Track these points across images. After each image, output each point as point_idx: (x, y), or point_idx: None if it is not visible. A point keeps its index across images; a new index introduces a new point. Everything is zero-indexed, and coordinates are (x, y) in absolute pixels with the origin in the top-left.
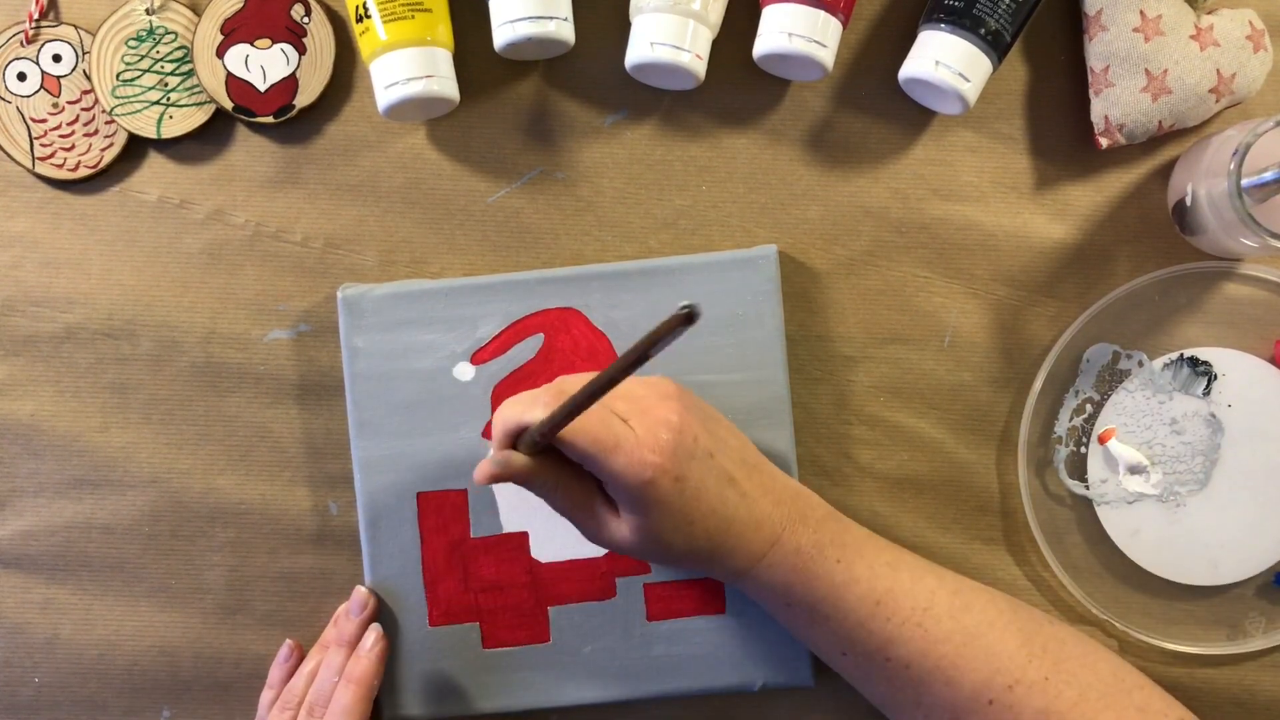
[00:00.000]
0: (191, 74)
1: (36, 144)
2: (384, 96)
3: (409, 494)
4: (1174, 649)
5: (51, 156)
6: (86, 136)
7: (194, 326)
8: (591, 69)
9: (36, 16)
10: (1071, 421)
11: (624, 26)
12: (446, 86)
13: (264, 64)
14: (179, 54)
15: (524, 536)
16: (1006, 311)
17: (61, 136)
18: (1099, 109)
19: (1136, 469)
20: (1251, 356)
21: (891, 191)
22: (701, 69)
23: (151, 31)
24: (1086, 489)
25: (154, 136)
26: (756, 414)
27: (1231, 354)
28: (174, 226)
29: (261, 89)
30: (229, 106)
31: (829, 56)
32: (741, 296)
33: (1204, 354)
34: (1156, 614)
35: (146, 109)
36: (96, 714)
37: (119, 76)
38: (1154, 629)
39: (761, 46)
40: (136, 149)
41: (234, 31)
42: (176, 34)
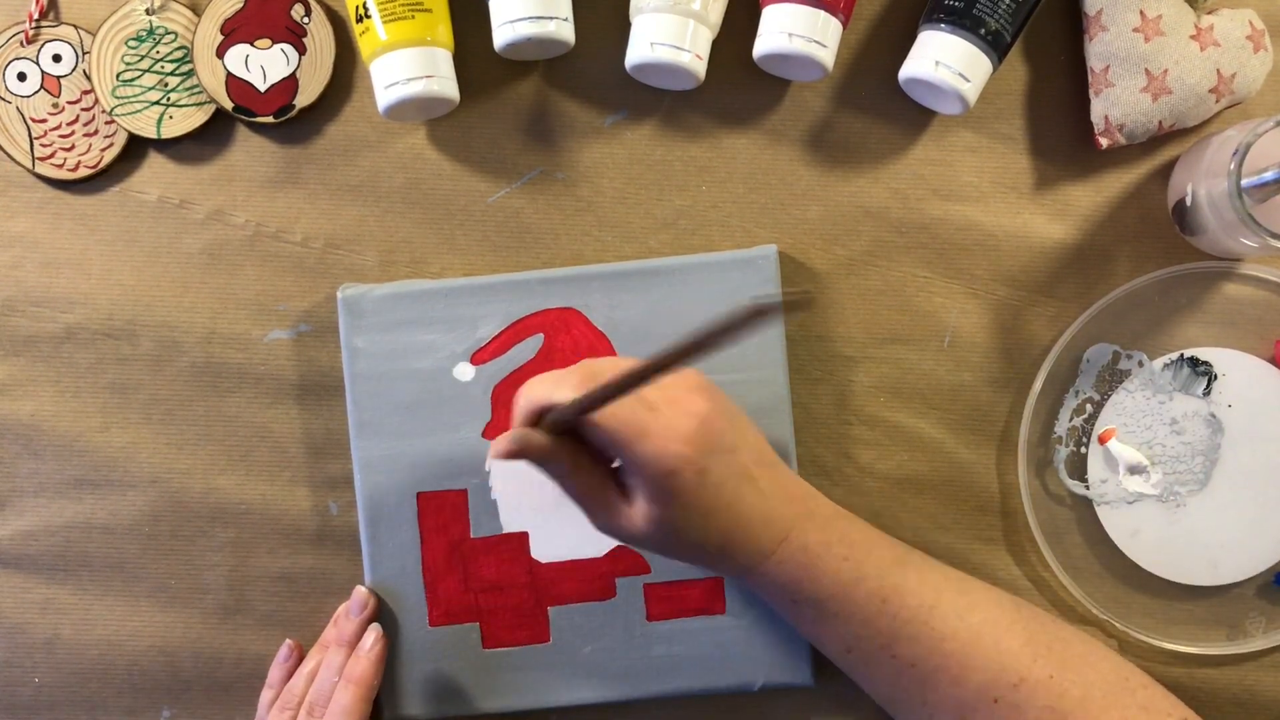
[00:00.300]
0: (191, 74)
1: (36, 144)
2: (384, 96)
3: (409, 494)
4: (1174, 649)
5: (51, 156)
6: (86, 136)
7: (194, 326)
8: (591, 69)
9: (36, 16)
10: (1071, 421)
11: (624, 26)
12: (446, 86)
13: (264, 64)
14: (179, 54)
15: (524, 536)
16: (1006, 311)
17: (61, 136)
18: (1099, 109)
19: (1136, 469)
20: (1251, 356)
21: (891, 191)
22: (701, 69)
23: (151, 32)
24: (1086, 489)
25: (154, 136)
26: (756, 414)
27: (1231, 354)
28: (174, 226)
29: (261, 89)
30: (229, 107)
31: (829, 56)
32: (741, 296)
33: (1204, 354)
34: (1156, 614)
35: (146, 109)
36: (96, 714)
37: (119, 76)
38: (1154, 629)
39: (761, 46)
40: (136, 149)
41: (234, 32)
42: (176, 34)
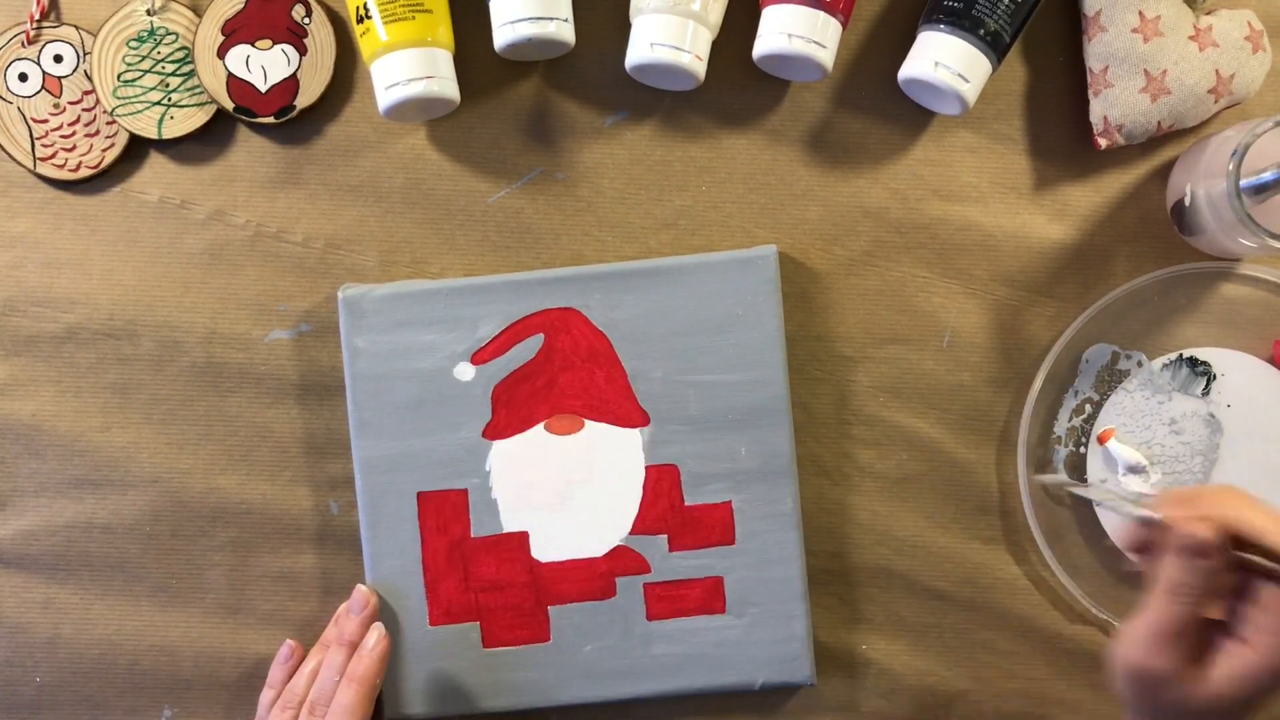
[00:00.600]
0: (192, 75)
1: (38, 144)
2: (384, 97)
3: (409, 494)
4: None
5: (53, 157)
6: (88, 137)
7: (195, 327)
8: (591, 70)
9: (38, 17)
10: (1071, 422)
11: (624, 27)
12: (447, 87)
13: (265, 65)
14: (180, 55)
15: (524, 536)
16: (1006, 312)
17: (63, 137)
18: (1098, 109)
19: (1136, 469)
20: (1250, 357)
21: (891, 192)
22: (701, 70)
23: (152, 32)
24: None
25: (155, 137)
26: (756, 414)
27: (1230, 354)
28: (175, 227)
29: (262, 89)
30: (230, 107)
31: (829, 57)
32: (741, 296)
33: (1203, 354)
34: None
35: (148, 109)
36: (97, 713)
37: (120, 77)
38: None
39: (761, 47)
40: (138, 149)
41: (235, 32)
42: (177, 35)
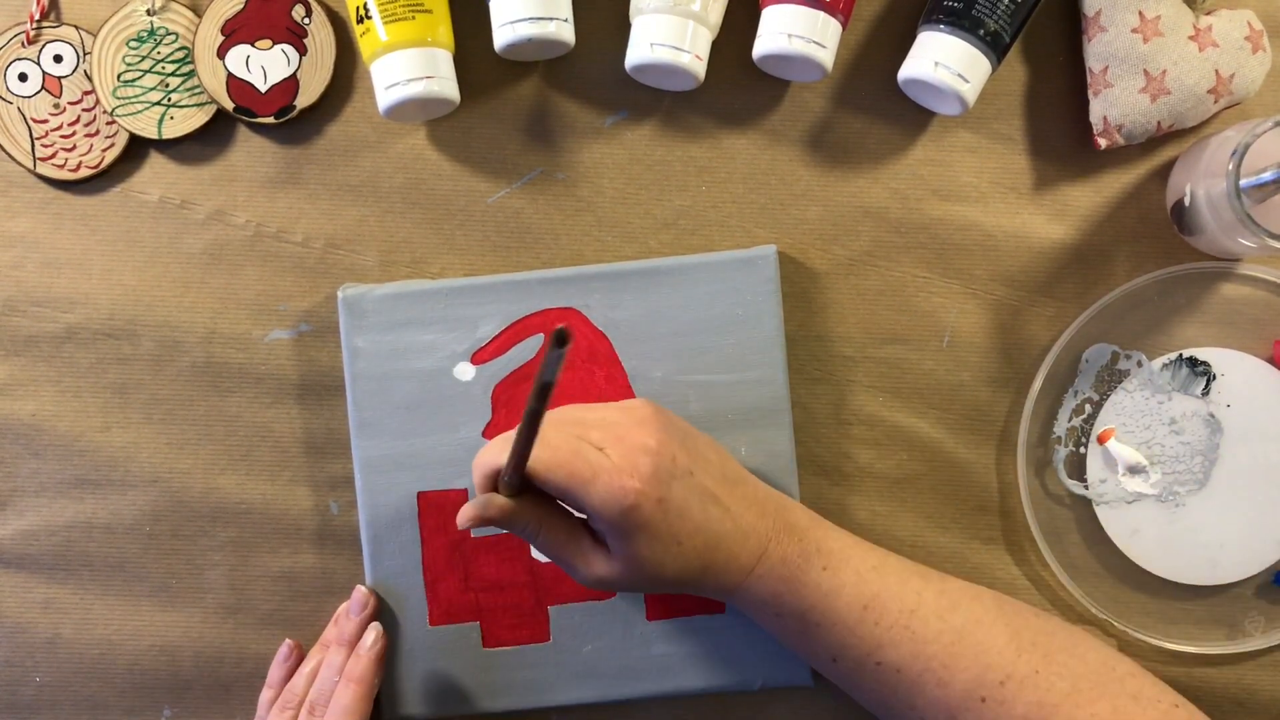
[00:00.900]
0: (192, 75)
1: (38, 144)
2: (384, 97)
3: (409, 493)
4: (1173, 648)
5: (53, 157)
6: (88, 137)
7: (195, 326)
8: (591, 70)
9: (37, 17)
10: (1071, 421)
11: (624, 27)
12: (447, 87)
13: (265, 65)
14: (180, 55)
15: None
16: (1006, 312)
17: (63, 137)
18: (1098, 109)
19: (1135, 469)
20: (1250, 356)
21: (891, 192)
22: (701, 70)
23: (152, 32)
24: (1085, 489)
25: (155, 137)
26: (756, 414)
27: (1230, 354)
28: (175, 227)
29: (262, 90)
30: (230, 107)
31: (828, 57)
32: (741, 296)
33: (1203, 354)
34: (1155, 613)
35: (147, 109)
36: (97, 713)
37: (120, 77)
38: (1153, 628)
39: (761, 47)
40: (138, 149)
41: (235, 32)
42: (177, 35)
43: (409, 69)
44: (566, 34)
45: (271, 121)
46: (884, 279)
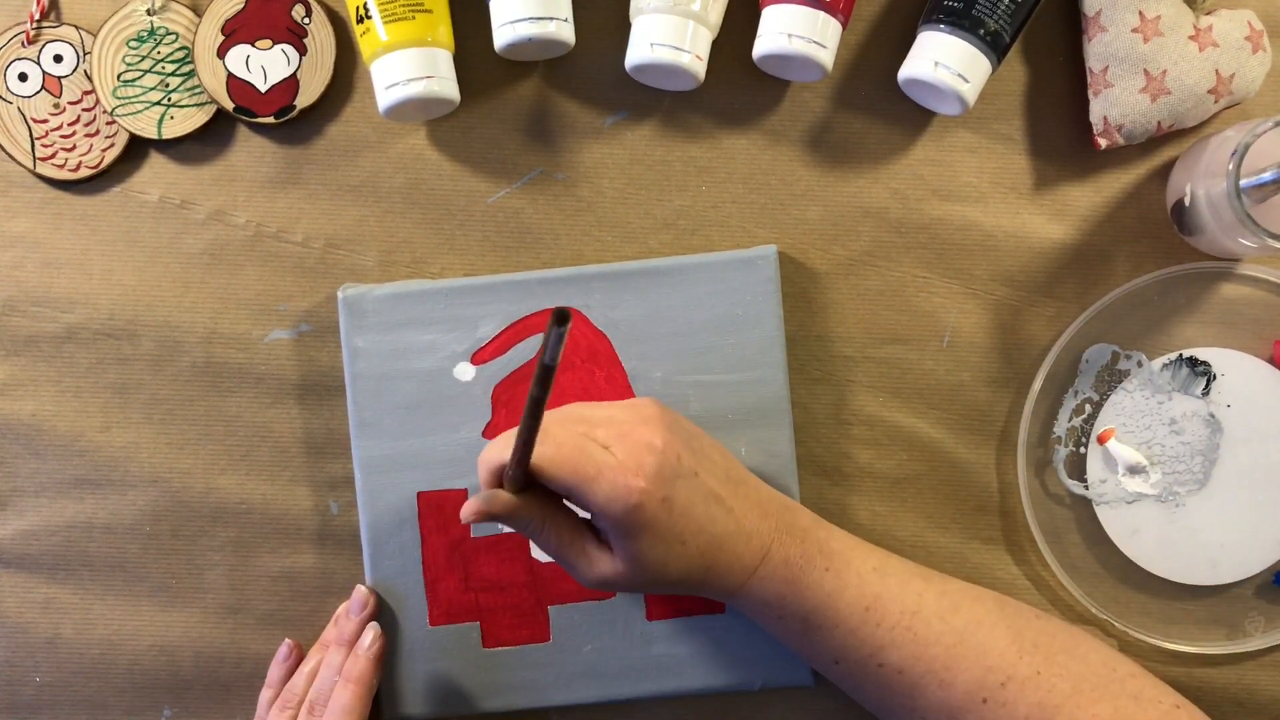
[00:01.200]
0: (192, 74)
1: (38, 144)
2: (384, 97)
3: (409, 493)
4: (1173, 648)
5: (53, 157)
6: (88, 137)
7: (195, 326)
8: (591, 69)
9: (38, 17)
10: (1071, 422)
11: (624, 27)
12: (447, 87)
13: (265, 65)
14: (180, 54)
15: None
16: (1006, 312)
17: (63, 137)
18: (1098, 110)
19: (1135, 469)
20: (1250, 357)
21: (891, 192)
22: (701, 70)
23: (152, 32)
24: (1085, 489)
25: (155, 137)
26: (756, 414)
27: (1230, 354)
28: (175, 227)
29: (262, 89)
30: (230, 107)
31: (828, 57)
32: (741, 297)
33: (1203, 354)
34: (1155, 614)
35: (147, 109)
36: (97, 713)
37: (120, 77)
38: (1153, 629)
39: (761, 47)
40: (137, 149)
41: (235, 32)
42: (177, 34)
43: (409, 69)
44: (566, 34)
45: (271, 121)
46: (884, 279)
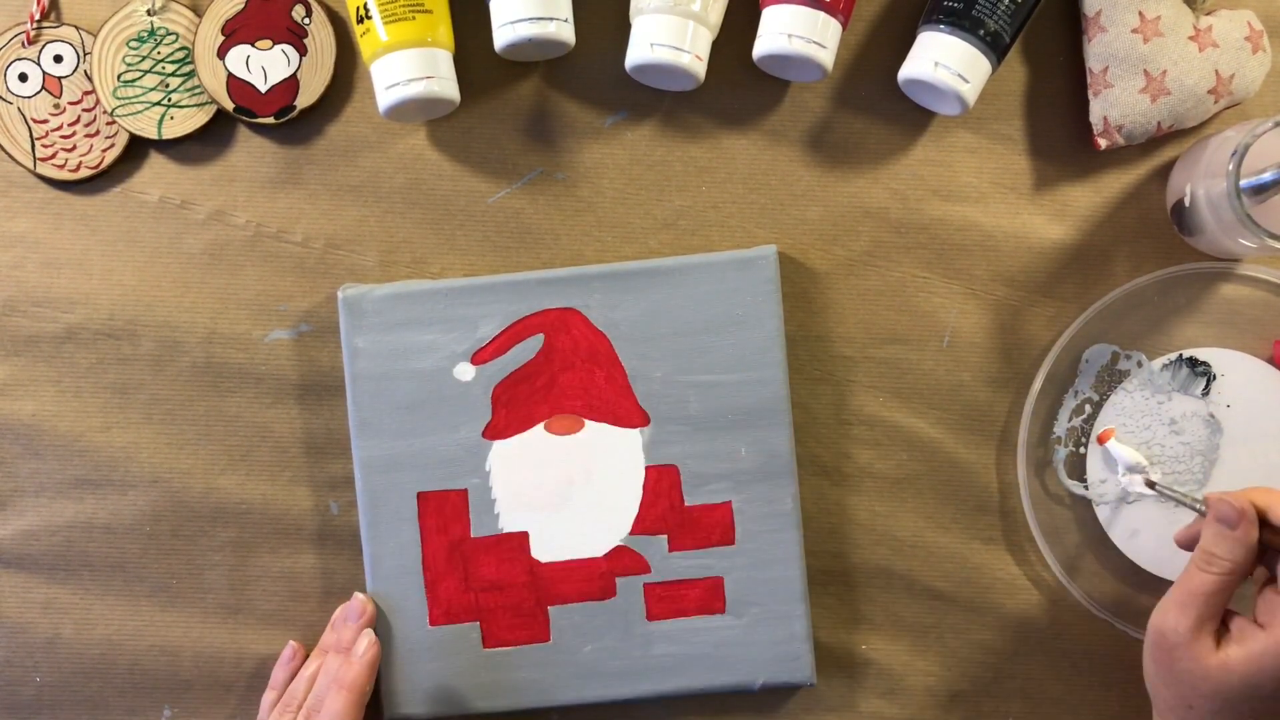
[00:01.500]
0: (193, 75)
1: (38, 144)
2: (385, 97)
3: (409, 494)
4: None
5: (53, 157)
6: (88, 137)
7: (195, 327)
8: (591, 70)
9: (38, 17)
10: (1071, 422)
11: (624, 27)
12: (447, 87)
13: (265, 65)
14: (180, 55)
15: (524, 536)
16: (1006, 312)
17: (63, 137)
18: (1098, 110)
19: (1135, 469)
20: (1250, 357)
21: (891, 192)
22: (701, 70)
23: (153, 32)
24: (1085, 489)
25: (155, 137)
26: (756, 414)
27: (1230, 354)
28: (175, 227)
29: (262, 90)
30: (230, 107)
31: (828, 57)
32: (741, 297)
33: (1203, 354)
34: None
35: (148, 110)
36: (98, 713)
37: (120, 77)
38: None
39: (761, 47)
40: (138, 149)
41: (235, 32)
42: (178, 35)
43: (409, 69)
44: (566, 34)
45: (271, 122)
46: (884, 279)
